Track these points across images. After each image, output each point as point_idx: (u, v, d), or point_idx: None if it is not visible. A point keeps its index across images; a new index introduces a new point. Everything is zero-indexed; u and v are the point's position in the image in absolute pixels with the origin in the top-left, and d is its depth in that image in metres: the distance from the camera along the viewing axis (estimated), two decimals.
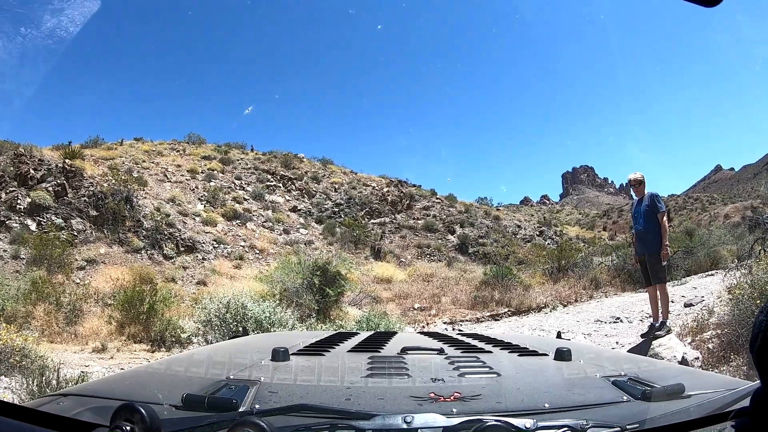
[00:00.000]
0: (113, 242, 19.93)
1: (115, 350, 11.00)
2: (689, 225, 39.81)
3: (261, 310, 6.79)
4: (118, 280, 15.54)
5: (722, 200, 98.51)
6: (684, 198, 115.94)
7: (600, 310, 14.17)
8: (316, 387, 1.51)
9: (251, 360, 1.84)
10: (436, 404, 1.28)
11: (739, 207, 75.22)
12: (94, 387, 1.69)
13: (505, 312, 16.54)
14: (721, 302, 10.39)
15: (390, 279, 21.69)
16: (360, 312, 14.62)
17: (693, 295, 13.69)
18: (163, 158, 32.69)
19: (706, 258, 21.83)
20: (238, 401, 1.24)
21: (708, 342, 7.17)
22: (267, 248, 24.01)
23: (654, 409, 1.26)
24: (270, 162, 36.58)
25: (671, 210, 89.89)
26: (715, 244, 23.34)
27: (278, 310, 7.28)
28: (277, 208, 30.25)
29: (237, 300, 6.94)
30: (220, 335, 6.70)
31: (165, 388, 1.48)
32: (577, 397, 1.39)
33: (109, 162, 27.38)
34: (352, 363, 1.84)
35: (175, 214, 23.37)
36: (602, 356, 2.36)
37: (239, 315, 6.72)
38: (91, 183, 21.98)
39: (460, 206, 37.46)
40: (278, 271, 15.41)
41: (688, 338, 7.83)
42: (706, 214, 78.53)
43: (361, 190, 35.29)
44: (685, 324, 8.85)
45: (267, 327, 6.66)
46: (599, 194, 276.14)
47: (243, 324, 6.61)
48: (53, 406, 1.30)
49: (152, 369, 2.12)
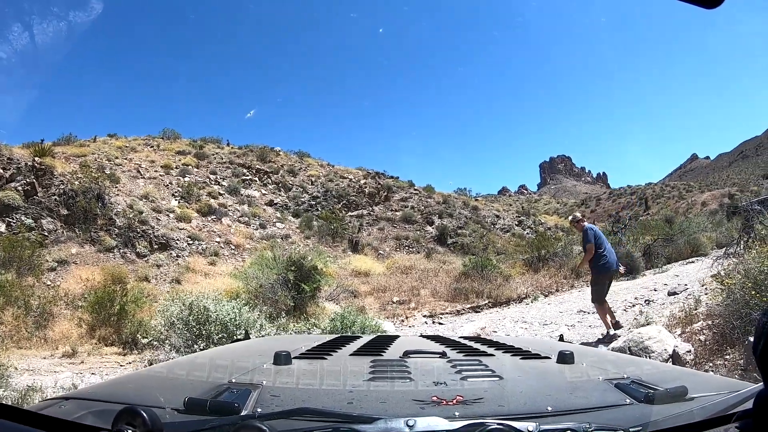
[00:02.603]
0: (85, 242, 19.53)
1: (86, 354, 10.78)
2: (668, 213, 40.27)
3: (226, 312, 6.58)
4: (88, 280, 15.23)
5: (699, 188, 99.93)
6: (661, 186, 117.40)
7: (582, 300, 14.03)
8: (318, 391, 1.52)
9: (253, 364, 1.87)
10: (438, 408, 1.29)
11: (716, 194, 76.51)
12: (96, 390, 1.69)
13: (485, 303, 16.44)
14: (707, 291, 10.48)
15: (368, 272, 21.51)
16: (337, 307, 14.45)
17: (676, 283, 13.72)
18: (137, 154, 32.06)
19: (686, 245, 22.09)
20: (240, 405, 1.25)
21: (699, 334, 7.10)
22: (243, 243, 23.76)
23: (657, 411, 1.26)
24: (246, 156, 36.17)
25: (648, 198, 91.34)
26: (695, 232, 23.60)
27: (245, 310, 7.05)
28: (253, 202, 29.95)
29: (199, 302, 6.70)
30: (182, 340, 6.51)
31: (167, 391, 1.49)
32: (580, 400, 1.41)
33: (81, 159, 26.81)
34: (355, 367, 1.85)
35: (148, 211, 22.97)
36: (605, 359, 2.38)
37: (202, 317, 6.51)
38: (61, 181, 21.45)
39: (438, 197, 37.50)
40: (252, 267, 15.13)
41: (678, 329, 7.78)
42: (684, 202, 79.81)
43: (338, 183, 35.11)
44: (673, 314, 8.82)
45: (233, 330, 6.48)
46: (577, 183, 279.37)
47: (206, 327, 6.43)
48: (55, 409, 1.31)
49: (154, 372, 2.13)
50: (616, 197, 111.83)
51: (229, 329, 6.55)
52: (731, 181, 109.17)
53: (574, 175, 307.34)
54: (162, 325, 7.21)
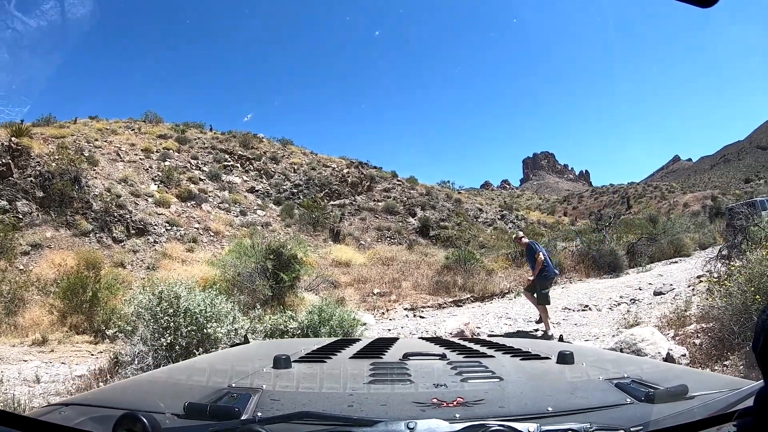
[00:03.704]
0: (60, 225, 19.16)
1: (56, 342, 10.60)
2: (652, 212, 40.70)
3: (196, 303, 6.36)
4: (61, 266, 14.89)
5: (681, 189, 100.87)
6: (643, 186, 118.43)
7: (567, 297, 14.08)
8: (318, 394, 1.51)
9: (253, 368, 1.85)
10: (438, 410, 1.28)
11: (698, 196, 77.46)
12: (96, 396, 1.70)
13: (467, 298, 16.20)
14: (696, 293, 10.46)
15: (349, 262, 21.35)
16: (317, 298, 14.24)
17: (661, 282, 13.78)
18: (117, 137, 31.52)
19: (670, 245, 22.34)
20: (240, 409, 1.24)
21: (694, 337, 7.01)
22: (222, 230, 23.51)
23: (658, 410, 1.26)
24: (228, 142, 35.79)
25: (631, 197, 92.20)
26: (679, 232, 23.86)
27: (217, 301, 6.83)
28: (234, 188, 29.69)
29: (170, 290, 6.46)
30: (149, 332, 6.31)
31: (167, 396, 1.49)
32: (581, 401, 1.41)
33: (60, 141, 26.30)
34: (354, 369, 1.86)
35: (126, 195, 22.60)
36: (605, 359, 2.40)
37: (171, 308, 6.29)
38: (38, 162, 20.99)
39: (421, 188, 37.53)
40: (230, 255, 14.87)
41: (670, 332, 7.71)
42: (666, 202, 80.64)
43: (321, 171, 34.95)
44: (664, 315, 8.79)
45: (203, 322, 6.28)
46: (559, 180, 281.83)
47: (175, 319, 6.21)
48: (55, 415, 1.30)
49: (153, 378, 2.13)
50: (598, 195, 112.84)
51: (199, 322, 6.32)
52: (713, 184, 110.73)
53: (556, 171, 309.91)
54: (128, 316, 6.96)
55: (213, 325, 6.47)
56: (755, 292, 5.88)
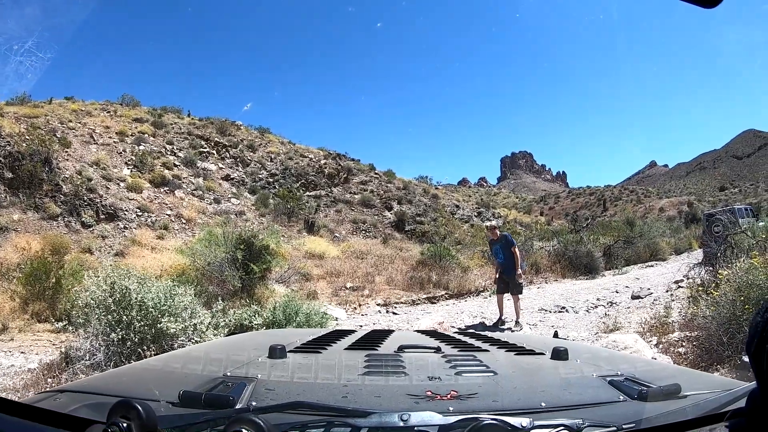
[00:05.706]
0: (28, 208, 18.79)
1: (17, 331, 10.36)
2: (629, 215, 41.26)
3: (150, 297, 6.16)
4: (25, 250, 14.57)
5: (657, 194, 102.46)
6: (620, 189, 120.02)
7: (543, 298, 14.07)
8: (313, 384, 1.52)
9: (248, 357, 1.88)
10: (432, 402, 1.29)
11: (674, 202, 78.99)
12: (91, 383, 1.71)
13: (442, 295, 16.23)
14: (675, 298, 10.50)
15: (322, 255, 21.14)
16: (288, 290, 14.10)
17: (638, 286, 13.87)
18: (92, 119, 30.94)
19: (646, 249, 22.64)
20: (234, 398, 1.26)
21: (677, 345, 6.91)
22: (195, 218, 23.23)
23: (650, 408, 1.27)
24: (205, 128, 35.43)
25: (607, 200, 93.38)
26: (655, 236, 24.18)
27: (176, 292, 6.61)
28: (209, 175, 29.38)
29: (122, 281, 6.25)
30: (99, 325, 6.14)
31: (162, 384, 1.49)
32: (574, 397, 1.42)
33: (32, 120, 25.76)
34: (349, 361, 1.87)
35: (98, 179, 22.23)
36: (599, 356, 2.42)
37: (125, 300, 6.10)
38: (8, 142, 20.46)
39: (398, 183, 37.51)
40: (199, 244, 14.62)
41: (653, 339, 7.58)
42: (642, 206, 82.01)
43: (298, 161, 34.77)
44: (645, 321, 8.69)
45: (157, 317, 6.10)
46: (536, 180, 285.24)
47: (128, 313, 6.04)
48: (50, 402, 1.32)
49: (149, 366, 2.14)
50: (575, 196, 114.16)
51: (153, 316, 6.13)
52: (688, 190, 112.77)
53: (534, 171, 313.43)
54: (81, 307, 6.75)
55: (166, 320, 6.27)
56: (744, 302, 5.76)
